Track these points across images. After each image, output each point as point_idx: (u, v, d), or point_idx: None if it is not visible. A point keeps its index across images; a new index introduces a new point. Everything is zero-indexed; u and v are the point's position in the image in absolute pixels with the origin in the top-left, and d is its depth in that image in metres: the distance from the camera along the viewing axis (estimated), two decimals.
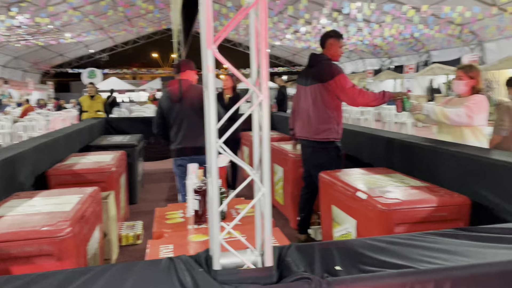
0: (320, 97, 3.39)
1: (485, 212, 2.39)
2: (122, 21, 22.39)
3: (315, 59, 3.50)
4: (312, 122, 3.46)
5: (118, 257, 3.58)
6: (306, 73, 3.56)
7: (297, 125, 3.68)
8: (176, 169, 3.63)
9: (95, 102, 7.33)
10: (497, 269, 1.05)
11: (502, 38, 16.61)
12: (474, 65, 3.36)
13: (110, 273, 1.06)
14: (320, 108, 3.41)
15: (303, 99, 3.54)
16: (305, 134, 3.56)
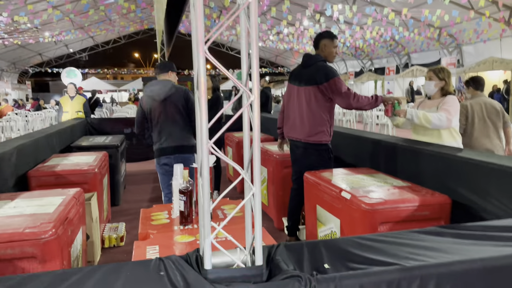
0: (315, 99, 3.36)
1: (465, 211, 2.46)
2: (103, 20, 22.10)
3: (310, 60, 3.46)
4: (305, 123, 3.42)
5: (101, 259, 3.54)
6: (299, 73, 3.51)
7: (287, 125, 3.61)
8: (160, 168, 3.69)
9: (75, 103, 7.20)
10: (479, 265, 1.09)
11: (480, 41, 17.03)
12: (444, 67, 3.45)
13: (99, 274, 1.05)
14: (314, 110, 3.38)
15: (296, 99, 3.49)
16: (296, 135, 3.50)
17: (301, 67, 3.54)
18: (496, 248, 1.17)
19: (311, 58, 3.48)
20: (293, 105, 3.52)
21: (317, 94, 3.35)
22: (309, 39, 21.63)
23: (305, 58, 3.52)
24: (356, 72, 26.94)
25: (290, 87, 3.59)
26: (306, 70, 3.46)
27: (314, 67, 3.41)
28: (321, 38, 3.46)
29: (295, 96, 3.50)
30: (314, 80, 3.35)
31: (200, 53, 0.98)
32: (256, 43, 1.03)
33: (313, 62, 3.43)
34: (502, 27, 14.97)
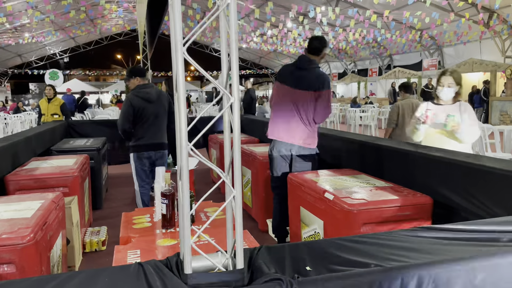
0: (312, 104, 3.35)
1: (446, 211, 2.49)
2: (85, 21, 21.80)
3: (309, 63, 3.40)
4: (300, 128, 3.39)
5: (82, 264, 3.48)
6: (294, 75, 3.41)
7: (278, 127, 3.48)
8: (139, 162, 4.15)
9: (52, 105, 7.05)
10: (460, 265, 1.10)
11: (460, 43, 17.36)
12: (455, 69, 3.36)
13: (77, 280, 1.02)
14: (310, 115, 3.38)
15: (289, 101, 3.39)
16: (292, 139, 3.42)
17: (296, 68, 3.44)
18: (476, 248, 1.18)
19: (310, 62, 3.40)
20: (286, 107, 3.41)
21: (313, 99, 3.34)
22: (292, 40, 21.73)
23: (303, 60, 3.43)
24: (339, 73, 27.19)
25: (283, 88, 3.46)
26: (302, 72, 3.39)
27: (314, 72, 3.38)
28: (325, 46, 3.45)
29: (288, 98, 3.40)
30: (316, 86, 3.33)
31: (178, 54, 0.97)
32: (235, 44, 1.02)
33: (312, 66, 3.39)
34: (481, 29, 15.29)
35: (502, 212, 2.11)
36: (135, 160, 4.17)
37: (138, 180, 4.22)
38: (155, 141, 4.17)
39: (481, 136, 5.54)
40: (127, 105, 4.05)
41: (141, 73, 4.21)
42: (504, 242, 1.20)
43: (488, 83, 15.14)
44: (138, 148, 4.14)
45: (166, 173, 2.46)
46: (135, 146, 4.15)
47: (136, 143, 4.14)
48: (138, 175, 4.22)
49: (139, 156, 4.15)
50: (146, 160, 4.17)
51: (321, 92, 3.33)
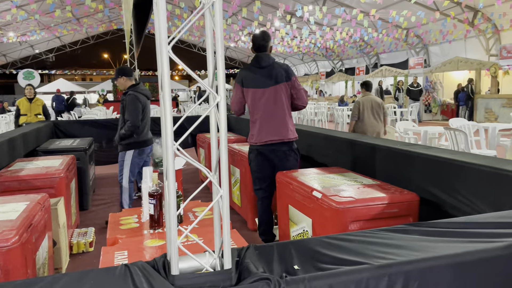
0: (285, 96, 3.39)
1: (433, 208, 2.51)
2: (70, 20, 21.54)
3: (267, 60, 3.41)
4: (280, 123, 3.39)
5: (69, 266, 3.44)
6: (257, 76, 3.40)
7: (262, 130, 3.42)
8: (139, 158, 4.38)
9: (34, 105, 6.92)
10: (446, 262, 1.11)
11: (445, 42, 17.56)
12: None
13: (62, 283, 1.01)
14: (284, 108, 3.40)
15: (264, 101, 3.38)
16: (275, 137, 3.40)
17: (255, 68, 3.42)
18: (462, 245, 1.20)
19: (268, 58, 3.43)
20: (262, 108, 3.39)
21: (283, 91, 3.39)
22: (280, 39, 21.75)
23: (259, 59, 3.41)
24: (327, 72, 27.29)
25: (252, 92, 3.42)
26: (264, 70, 3.39)
27: (276, 65, 3.42)
28: (269, 40, 3.48)
29: (262, 99, 3.38)
30: (283, 77, 3.38)
31: (163, 53, 0.96)
32: (221, 43, 1.01)
33: (270, 61, 3.42)
34: (466, 28, 15.50)
35: (488, 208, 2.14)
36: (135, 156, 4.34)
37: (130, 176, 4.37)
38: (150, 136, 4.54)
39: (467, 133, 5.61)
40: (135, 102, 4.24)
41: (127, 73, 4.37)
42: (490, 238, 1.22)
43: (473, 81, 15.35)
44: (141, 144, 4.36)
45: (154, 173, 2.44)
46: (138, 142, 4.34)
47: (140, 140, 4.34)
48: (132, 172, 4.37)
49: (140, 152, 4.36)
50: (145, 155, 4.46)
51: (291, 80, 3.41)
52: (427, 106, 17.21)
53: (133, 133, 4.27)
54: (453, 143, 5.65)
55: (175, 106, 20.79)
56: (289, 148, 3.46)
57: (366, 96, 5.83)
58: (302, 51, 26.08)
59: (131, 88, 4.32)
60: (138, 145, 4.35)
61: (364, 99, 5.78)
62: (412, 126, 7.45)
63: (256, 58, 3.44)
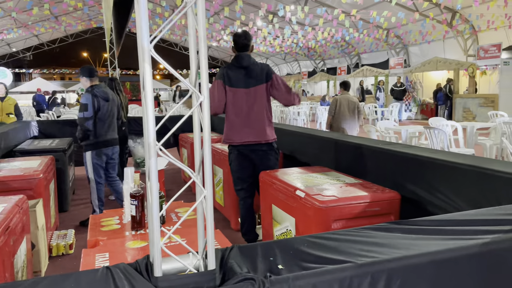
0: (265, 96, 3.39)
1: (414, 205, 2.55)
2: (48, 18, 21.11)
3: (248, 60, 3.39)
4: (261, 124, 3.38)
5: (49, 269, 3.37)
6: (239, 76, 3.37)
7: (242, 131, 3.40)
8: (98, 159, 4.32)
9: (6, 104, 6.76)
10: (427, 259, 1.12)
11: (424, 42, 17.86)
12: None
13: (41, 287, 0.98)
14: (265, 109, 3.40)
15: (243, 102, 3.36)
16: (255, 138, 3.39)
17: (236, 68, 3.39)
18: (443, 242, 1.21)
19: (249, 58, 3.40)
20: (242, 109, 3.37)
21: (264, 91, 3.39)
22: (262, 39, 21.77)
23: (240, 59, 3.38)
24: (309, 72, 27.44)
25: (234, 92, 3.36)
26: (245, 70, 3.37)
27: (257, 66, 3.41)
28: (251, 39, 3.46)
29: (242, 99, 3.36)
30: (264, 77, 3.38)
31: (145, 52, 0.94)
32: (204, 42, 1.00)
33: (251, 62, 3.40)
34: (445, 29, 15.79)
35: (466, 205, 2.18)
36: (94, 157, 4.32)
37: (95, 177, 4.35)
38: (112, 137, 4.45)
39: (446, 132, 5.72)
40: (87, 103, 4.20)
41: (87, 73, 4.34)
42: (469, 236, 1.24)
43: (452, 81, 15.65)
44: (98, 145, 4.31)
45: (135, 173, 2.41)
46: (94, 144, 4.30)
47: (96, 141, 4.29)
48: (96, 173, 4.35)
49: (98, 153, 4.32)
50: (104, 156, 4.38)
51: (272, 80, 3.40)
52: (407, 106, 17.48)
53: (85, 135, 4.23)
54: (432, 142, 5.75)
55: (156, 105, 20.60)
56: (269, 148, 3.47)
57: (343, 95, 6.36)
58: (284, 51, 26.16)
59: (88, 89, 4.29)
60: (95, 146, 4.29)
61: (341, 97, 6.30)
62: (393, 125, 7.55)
63: (237, 58, 3.40)
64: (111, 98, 4.40)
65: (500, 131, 6.38)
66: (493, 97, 13.74)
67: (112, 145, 4.46)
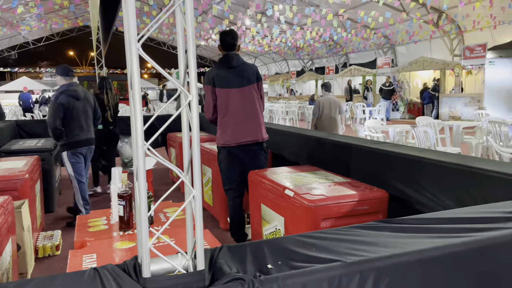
0: (256, 96, 3.40)
1: (401, 204, 2.57)
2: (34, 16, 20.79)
3: (237, 60, 3.38)
4: (255, 122, 3.39)
5: (35, 271, 3.32)
6: (229, 76, 3.35)
7: (235, 131, 3.37)
8: (75, 158, 4.32)
9: None
10: (415, 257, 1.13)
11: (411, 42, 18.03)
12: None
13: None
14: (257, 107, 3.41)
15: (238, 102, 3.34)
16: (250, 138, 3.38)
17: (225, 68, 3.36)
18: (430, 240, 1.22)
19: (238, 58, 3.40)
20: (237, 109, 3.34)
21: (255, 91, 3.40)
22: (251, 38, 21.75)
23: (230, 59, 3.35)
24: (297, 71, 27.50)
25: (226, 92, 3.34)
26: (235, 70, 3.35)
27: (246, 66, 3.42)
28: (237, 39, 3.45)
29: (237, 99, 3.34)
30: (254, 78, 3.40)
31: (132, 50, 0.93)
32: (192, 41, 1.00)
33: (240, 61, 3.40)
34: (431, 29, 15.96)
35: (454, 204, 2.21)
36: (70, 157, 4.31)
37: (76, 176, 4.33)
38: (86, 137, 4.43)
39: (432, 131, 5.78)
40: (55, 104, 4.19)
41: (61, 72, 4.32)
42: (456, 234, 1.25)
43: (438, 81, 15.83)
44: (72, 145, 4.32)
45: (123, 173, 2.39)
46: (69, 144, 4.31)
47: (70, 141, 4.30)
48: (76, 171, 4.34)
49: (73, 152, 4.32)
50: (81, 156, 4.38)
51: (259, 82, 3.46)
52: (394, 105, 17.64)
53: (56, 135, 4.26)
54: (419, 141, 5.81)
55: (144, 104, 20.46)
56: (259, 147, 3.47)
57: (325, 96, 6.58)
58: (273, 50, 26.18)
59: (59, 88, 4.30)
60: (69, 146, 4.30)
61: (323, 98, 6.54)
62: (380, 124, 7.61)
63: (226, 58, 3.36)
64: (83, 97, 4.38)
65: (485, 130, 6.48)
66: (479, 97, 13.94)
67: (87, 145, 4.44)
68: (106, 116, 5.54)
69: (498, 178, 1.99)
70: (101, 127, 5.51)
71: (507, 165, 2.15)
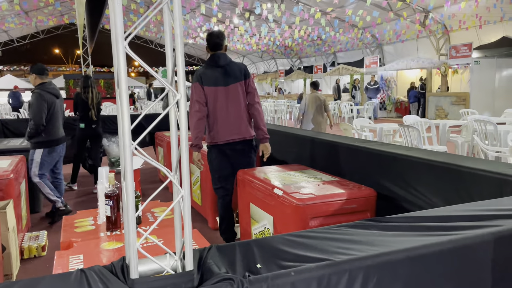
0: (242, 95, 3.41)
1: (389, 202, 2.59)
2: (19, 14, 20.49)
3: (224, 59, 3.40)
4: (243, 120, 3.40)
5: (20, 272, 3.27)
6: (216, 74, 3.36)
7: (222, 129, 3.38)
8: (49, 157, 4.38)
9: None
10: (403, 255, 1.14)
11: (398, 41, 18.18)
12: None
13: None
14: (243, 106, 3.41)
15: (224, 100, 3.35)
16: (237, 136, 3.39)
17: (213, 67, 3.38)
18: (418, 238, 1.23)
19: (225, 57, 3.42)
20: (224, 107, 3.35)
21: (241, 89, 3.41)
22: (239, 37, 21.72)
23: (221, 58, 3.39)
24: (286, 70, 27.54)
25: (215, 90, 3.35)
26: (222, 69, 3.38)
27: (234, 65, 3.44)
28: (224, 39, 3.47)
29: (223, 97, 3.35)
30: (241, 76, 3.41)
31: (119, 48, 0.92)
32: (180, 39, 0.99)
33: (227, 60, 3.42)
34: (418, 28, 16.12)
35: (441, 202, 2.23)
36: (45, 155, 4.34)
37: (38, 173, 4.33)
38: (63, 135, 4.57)
39: (419, 129, 5.84)
40: (39, 101, 4.23)
41: (37, 70, 4.36)
42: (443, 231, 1.27)
43: (425, 80, 16.00)
44: (51, 143, 4.37)
45: (110, 173, 2.37)
46: (48, 142, 4.34)
47: (50, 138, 4.36)
48: (42, 169, 4.34)
49: (50, 150, 4.37)
50: (56, 154, 4.46)
51: (248, 79, 3.46)
52: (382, 104, 17.78)
53: (38, 132, 4.25)
54: (406, 140, 5.86)
55: (132, 103, 20.30)
56: (249, 146, 3.47)
57: (312, 94, 7.10)
58: (261, 49, 26.18)
59: (38, 86, 4.33)
60: (47, 144, 4.34)
61: (310, 96, 7.06)
62: (368, 123, 7.66)
63: (213, 57, 3.39)
64: (60, 95, 4.51)
65: (471, 129, 6.56)
66: (465, 95, 14.13)
67: (64, 142, 4.59)
68: (90, 115, 5.55)
69: (484, 176, 2.01)
70: (83, 126, 5.54)
71: (492, 163, 2.18)
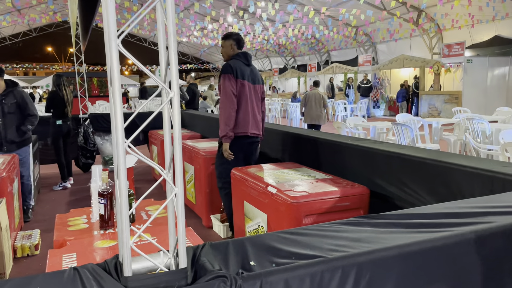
0: (260, 97, 3.67)
1: (382, 200, 2.61)
2: (11, 11, 20.31)
3: (250, 59, 3.63)
4: (259, 119, 3.65)
5: (13, 271, 3.26)
6: (247, 71, 3.53)
7: (250, 122, 3.52)
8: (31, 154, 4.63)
9: None
10: (395, 252, 1.15)
11: (392, 40, 18.26)
12: None
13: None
14: (259, 107, 3.65)
15: (253, 96, 3.57)
16: (258, 131, 3.62)
17: (243, 64, 3.55)
18: (410, 235, 1.24)
19: (251, 58, 3.66)
20: (251, 102, 3.53)
21: (261, 92, 3.68)
22: None
23: (249, 56, 3.63)
24: (280, 68, 27.56)
25: (245, 85, 3.47)
26: (251, 68, 3.61)
27: (255, 68, 3.69)
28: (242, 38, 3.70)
29: (252, 94, 3.55)
30: (262, 80, 3.72)
31: (112, 46, 0.92)
32: (174, 37, 0.99)
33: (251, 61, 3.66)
34: (411, 27, 16.20)
35: (433, 199, 2.25)
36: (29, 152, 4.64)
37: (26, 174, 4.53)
38: None
39: (412, 128, 5.87)
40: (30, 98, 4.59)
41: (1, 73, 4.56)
42: (435, 228, 1.28)
43: (418, 78, 16.08)
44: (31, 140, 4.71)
45: (103, 171, 2.36)
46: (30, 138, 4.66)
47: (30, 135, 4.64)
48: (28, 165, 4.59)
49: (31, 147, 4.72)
50: None
51: (263, 85, 3.74)
52: (375, 102, 17.84)
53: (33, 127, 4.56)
54: (399, 138, 5.89)
55: (125, 102, 20.22)
56: (258, 145, 3.72)
57: (313, 91, 8.22)
58: (255, 48, 26.17)
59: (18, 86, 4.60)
60: (30, 140, 4.67)
61: (310, 92, 8.22)
62: (361, 121, 7.70)
63: (245, 55, 3.59)
64: None
65: (463, 127, 6.61)
66: (457, 94, 14.22)
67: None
68: (66, 112, 5.71)
69: (476, 174, 2.03)
70: (61, 123, 5.66)
71: (483, 161, 2.20)
